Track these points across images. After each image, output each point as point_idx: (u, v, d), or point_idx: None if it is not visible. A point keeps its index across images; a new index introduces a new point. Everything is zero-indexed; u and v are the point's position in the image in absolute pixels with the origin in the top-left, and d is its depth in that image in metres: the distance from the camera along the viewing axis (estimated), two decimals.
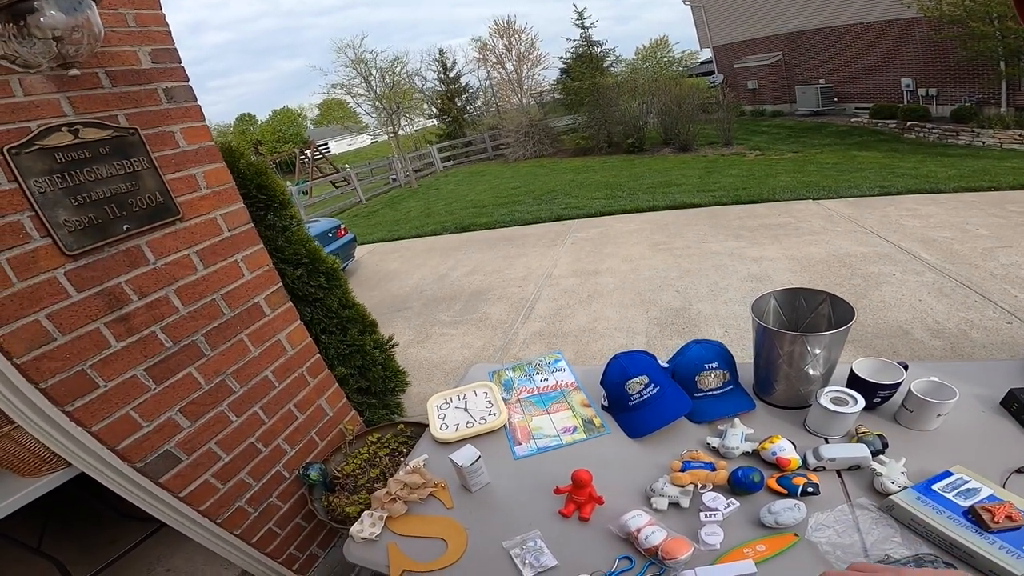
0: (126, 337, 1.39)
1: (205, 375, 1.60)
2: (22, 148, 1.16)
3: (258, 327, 1.79)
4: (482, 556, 1.09)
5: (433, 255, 7.03)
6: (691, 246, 5.23)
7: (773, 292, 1.38)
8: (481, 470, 1.24)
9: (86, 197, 1.28)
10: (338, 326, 2.48)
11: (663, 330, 3.63)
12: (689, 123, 11.11)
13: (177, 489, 1.52)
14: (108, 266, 1.35)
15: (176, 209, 1.51)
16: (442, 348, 4.13)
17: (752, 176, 7.55)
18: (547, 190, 9.53)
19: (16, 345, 1.15)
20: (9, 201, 1.14)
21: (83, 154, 1.28)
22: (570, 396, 1.61)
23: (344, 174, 14.84)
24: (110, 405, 1.34)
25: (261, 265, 1.82)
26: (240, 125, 45.38)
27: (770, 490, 1.06)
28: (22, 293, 1.16)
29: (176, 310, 1.52)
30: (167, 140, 1.50)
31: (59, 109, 1.24)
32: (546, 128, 15.03)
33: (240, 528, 1.71)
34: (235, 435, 1.69)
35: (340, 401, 2.20)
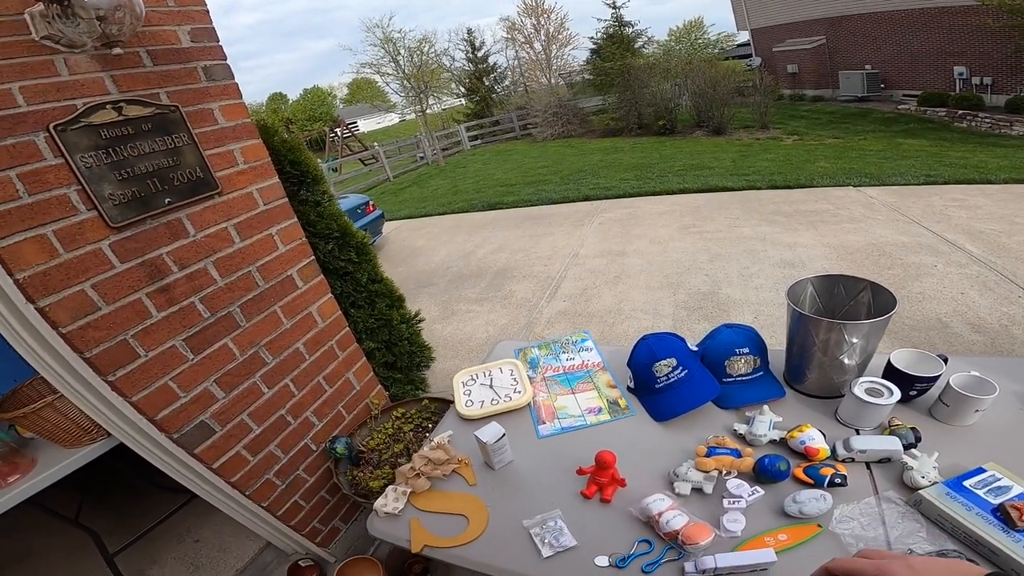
0: (167, 307, 1.44)
1: (240, 346, 1.66)
2: (68, 125, 1.19)
3: (291, 299, 1.84)
4: (502, 533, 1.11)
5: (459, 232, 7.09)
6: (722, 230, 5.11)
7: (810, 278, 1.34)
8: (505, 448, 1.26)
9: (130, 172, 1.32)
10: (367, 300, 2.53)
11: (691, 314, 3.58)
12: (724, 106, 10.74)
13: (210, 460, 1.58)
14: (150, 238, 1.39)
15: (215, 183, 1.54)
16: (467, 325, 4.17)
17: (789, 161, 7.29)
18: (575, 170, 9.40)
19: (62, 314, 1.21)
20: (56, 175, 1.18)
21: (127, 130, 1.31)
22: (596, 376, 1.61)
23: (372, 152, 14.97)
24: (150, 375, 1.40)
25: (294, 238, 1.86)
26: (272, 104, 46.01)
27: (796, 479, 1.05)
28: (68, 264, 1.21)
29: (214, 281, 1.57)
30: (206, 117, 1.53)
31: (103, 87, 1.27)
32: (575, 108, 14.81)
33: (267, 500, 1.78)
34: (266, 407, 1.75)
35: (367, 375, 2.24)
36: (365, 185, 13.24)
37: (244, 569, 2.06)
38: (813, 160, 7.18)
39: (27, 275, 1.15)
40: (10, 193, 1.11)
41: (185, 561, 2.17)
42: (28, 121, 1.13)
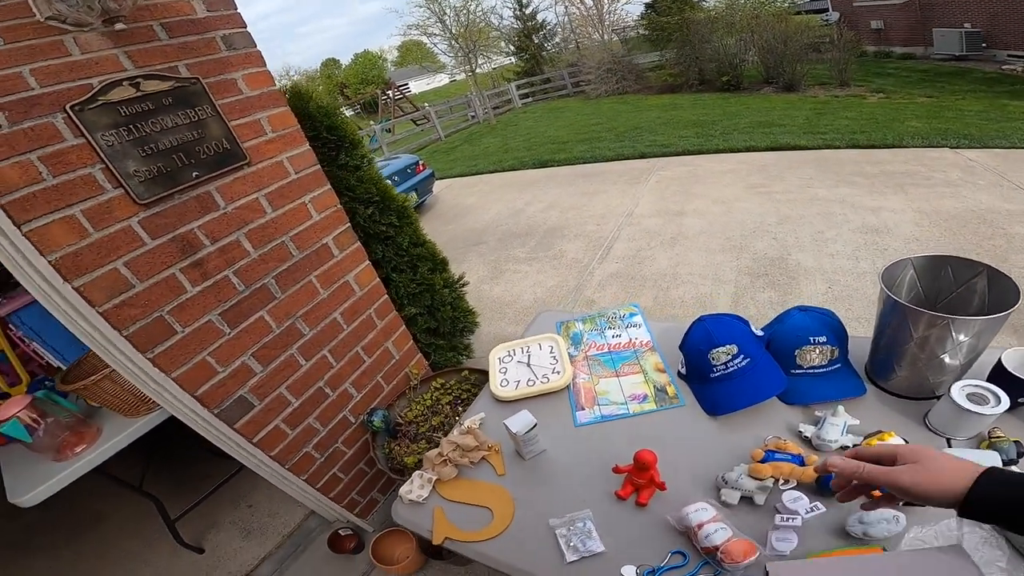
0: (201, 282, 1.44)
1: (276, 318, 1.65)
2: (85, 104, 1.16)
3: (327, 268, 1.81)
4: (526, 531, 1.04)
5: (510, 190, 7.01)
6: (793, 190, 4.64)
7: (912, 258, 1.10)
8: (536, 438, 1.18)
9: (153, 147, 1.29)
10: (408, 264, 2.49)
11: (755, 280, 3.30)
12: (796, 62, 9.71)
13: (250, 435, 1.61)
14: (180, 212, 1.38)
15: (243, 154, 1.50)
16: (515, 286, 4.11)
17: (873, 120, 6.48)
18: (630, 127, 8.90)
19: (97, 293, 1.22)
20: (79, 155, 1.17)
21: (147, 106, 1.27)
22: (644, 358, 1.47)
23: (424, 112, 14.95)
24: (188, 350, 1.42)
25: (329, 206, 1.81)
26: (326, 70, 46.79)
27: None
28: (99, 243, 1.22)
29: (247, 253, 1.56)
30: (229, 87, 1.47)
31: (118, 64, 1.23)
32: (629, 64, 14.00)
33: (307, 473, 1.82)
34: (304, 379, 1.75)
35: (407, 344, 2.22)
36: (417, 145, 13.30)
37: (291, 535, 2.16)
38: (902, 119, 6.34)
39: (59, 256, 1.16)
40: (33, 176, 1.10)
41: (239, 525, 2.30)
42: (44, 103, 1.11)
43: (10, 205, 1.08)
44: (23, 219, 1.09)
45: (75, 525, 2.63)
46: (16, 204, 1.08)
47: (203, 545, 2.22)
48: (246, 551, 2.14)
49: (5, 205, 1.07)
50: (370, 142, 12.38)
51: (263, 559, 2.08)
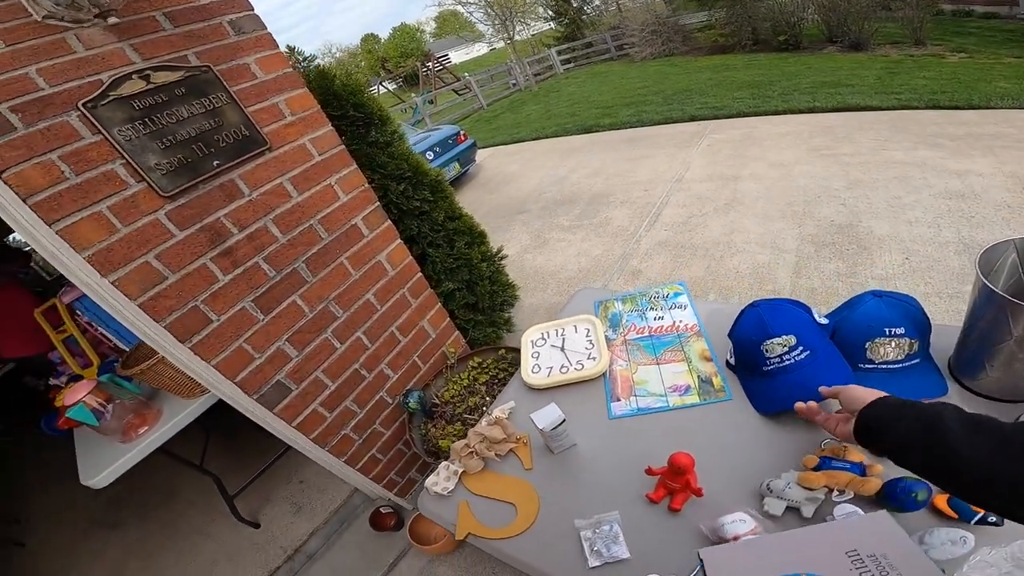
0: (232, 270, 1.45)
1: (308, 302, 1.66)
2: (97, 100, 1.16)
3: (357, 249, 1.80)
4: (549, 531, 0.99)
5: (554, 156, 6.87)
6: (864, 153, 4.19)
7: (1015, 240, 0.90)
8: (565, 434, 1.11)
9: (172, 139, 1.29)
10: (445, 239, 2.46)
11: (819, 250, 3.02)
12: (863, 20, 8.75)
13: (290, 419, 1.64)
14: (205, 202, 1.38)
15: (263, 139, 1.48)
16: (558, 255, 4.01)
17: (956, 79, 5.73)
18: (679, 89, 8.37)
19: (132, 287, 1.25)
20: (98, 152, 1.18)
21: (160, 98, 1.26)
22: (688, 344, 1.35)
23: (464, 82, 14.83)
24: (224, 339, 1.45)
25: (356, 186, 1.79)
26: (366, 45, 47.10)
27: (934, 510, 0.79)
28: (128, 237, 1.23)
29: (275, 239, 1.56)
30: (243, 73, 1.44)
31: (125, 58, 1.22)
32: (676, 25, 13.16)
33: (346, 455, 1.85)
34: (340, 362, 1.77)
35: (443, 322, 2.20)
36: (460, 114, 13.26)
37: (337, 511, 2.24)
38: (989, 80, 5.57)
39: (92, 252, 1.18)
40: (56, 175, 1.12)
41: (290, 501, 2.40)
42: (56, 102, 1.12)
43: (38, 205, 1.10)
44: (52, 218, 1.12)
45: (148, 501, 2.84)
46: (44, 204, 1.11)
47: (258, 519, 2.35)
48: (297, 526, 2.24)
49: (34, 205, 1.09)
50: (413, 114, 12.40)
51: (311, 534, 2.17)
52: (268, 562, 2.11)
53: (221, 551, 2.27)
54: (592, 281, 3.47)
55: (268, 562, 2.11)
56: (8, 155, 1.06)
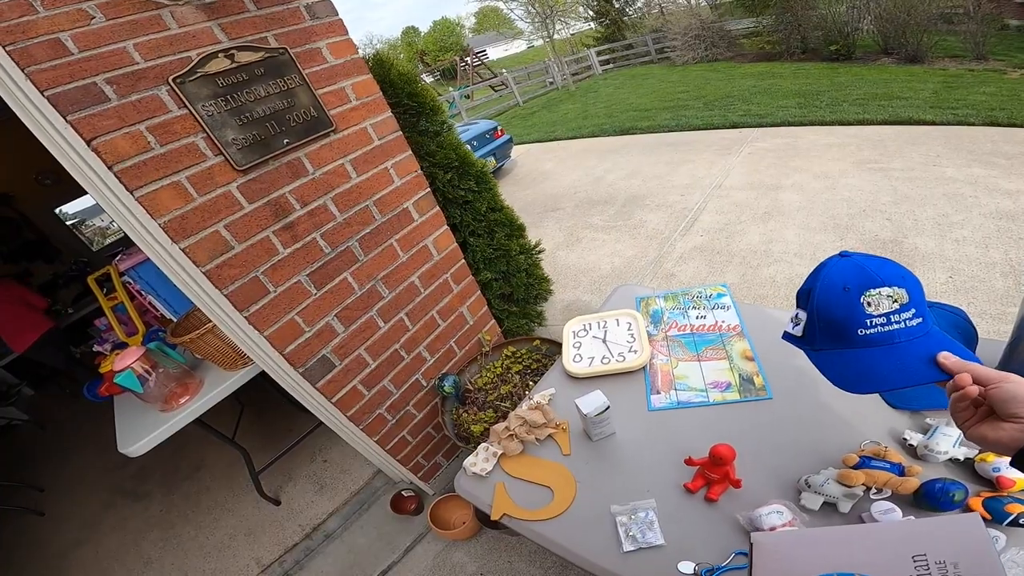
0: (291, 244, 1.52)
1: (358, 280, 1.72)
2: (186, 76, 1.24)
3: (407, 232, 1.86)
4: (585, 516, 1.02)
5: (589, 156, 6.86)
6: (915, 168, 4.07)
7: None
8: (607, 421, 1.14)
9: (248, 116, 1.36)
10: (485, 229, 2.50)
11: None
12: (922, 32, 8.44)
13: (331, 394, 1.71)
14: (273, 178, 1.45)
15: (329, 121, 1.55)
16: (591, 254, 4.02)
17: (1016, 96, 5.48)
18: (721, 95, 8.23)
19: (201, 254, 1.32)
20: (182, 125, 1.25)
21: (241, 76, 1.33)
22: (730, 343, 1.36)
23: (502, 78, 14.88)
24: (279, 310, 1.52)
25: (410, 171, 1.84)
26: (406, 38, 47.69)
27: (969, 511, 0.79)
28: (203, 207, 1.31)
29: (333, 217, 1.62)
30: (315, 56, 1.51)
31: (213, 36, 1.29)
32: (720, 30, 12.89)
33: (378, 435, 1.90)
34: (382, 341, 1.83)
35: (481, 309, 2.24)
36: (496, 110, 13.33)
37: (359, 491, 2.29)
38: None
39: (167, 219, 1.26)
40: (142, 145, 1.20)
41: (313, 479, 2.47)
42: (149, 76, 1.19)
43: (123, 172, 1.18)
44: (135, 185, 1.20)
45: (175, 474, 2.93)
46: (128, 172, 1.19)
47: (280, 497, 2.41)
48: (317, 505, 2.30)
49: (119, 173, 1.17)
50: (449, 108, 12.51)
51: (331, 514, 2.23)
52: (286, 539, 2.17)
53: (241, 526, 2.34)
54: (624, 282, 3.46)
55: (286, 539, 2.17)
56: (100, 124, 1.14)
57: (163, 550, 2.38)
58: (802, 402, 1.11)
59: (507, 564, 1.88)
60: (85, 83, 1.11)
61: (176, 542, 2.40)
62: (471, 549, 1.97)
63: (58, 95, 1.08)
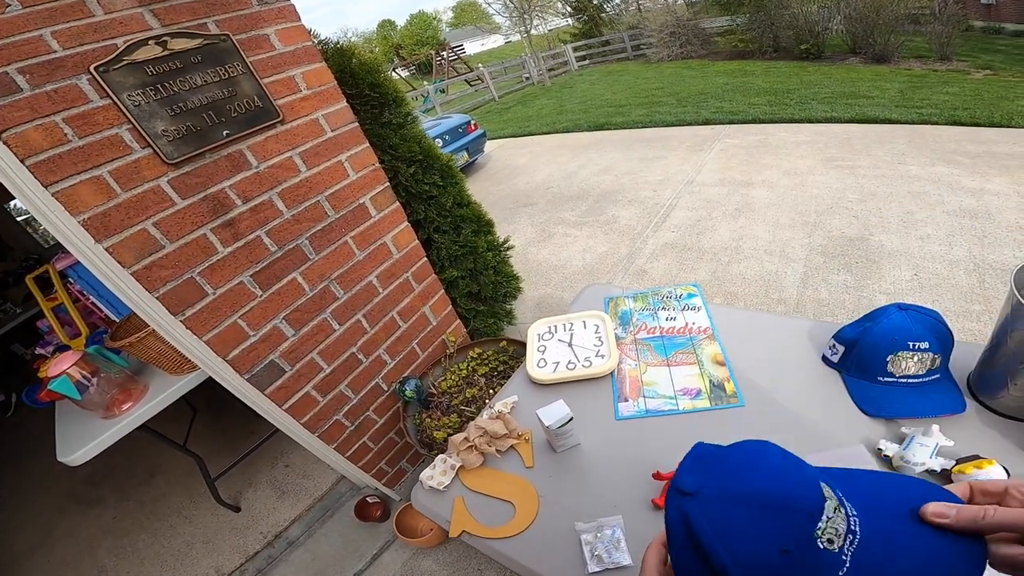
0: (232, 242, 1.41)
1: (309, 280, 1.62)
2: (110, 65, 1.12)
3: (363, 229, 1.76)
4: (548, 533, 0.96)
5: (563, 152, 6.85)
6: (880, 166, 4.15)
7: None
8: (570, 432, 1.07)
9: (182, 106, 1.24)
10: (451, 225, 2.41)
11: (828, 261, 2.98)
12: (889, 32, 8.72)
13: (280, 401, 1.60)
14: (211, 172, 1.34)
15: (276, 112, 1.44)
16: (563, 250, 3.99)
17: (979, 96, 5.70)
18: (695, 92, 8.34)
19: (126, 254, 1.20)
20: (105, 116, 1.14)
21: (174, 64, 1.22)
22: (701, 347, 1.31)
23: (478, 73, 14.81)
24: (219, 313, 1.40)
25: (367, 165, 1.75)
26: (382, 31, 47.12)
27: None
28: (127, 203, 1.19)
29: (280, 213, 1.51)
30: (261, 43, 1.40)
31: (144, 23, 1.18)
32: (695, 28, 13.11)
33: (336, 441, 1.81)
34: (337, 344, 1.72)
35: (445, 309, 2.16)
36: (471, 105, 13.22)
37: (322, 497, 2.20)
38: (1012, 97, 5.55)
39: (87, 216, 1.14)
40: (58, 137, 1.08)
41: (274, 486, 2.36)
42: (67, 65, 1.08)
43: (36, 167, 1.06)
44: (50, 180, 1.08)
45: (128, 479, 2.78)
46: (42, 166, 1.07)
47: (240, 503, 2.31)
48: (279, 512, 2.21)
49: (32, 167, 1.05)
50: (424, 102, 12.32)
51: (294, 520, 2.14)
52: (247, 547, 2.09)
53: (198, 534, 2.25)
54: (596, 278, 3.43)
55: (247, 547, 2.09)
56: (10, 116, 1.02)
57: (118, 558, 2.27)
58: (774, 410, 1.07)
59: (477, 572, 1.82)
60: None
61: (131, 550, 2.29)
62: (440, 557, 1.91)
63: None
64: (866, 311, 1.07)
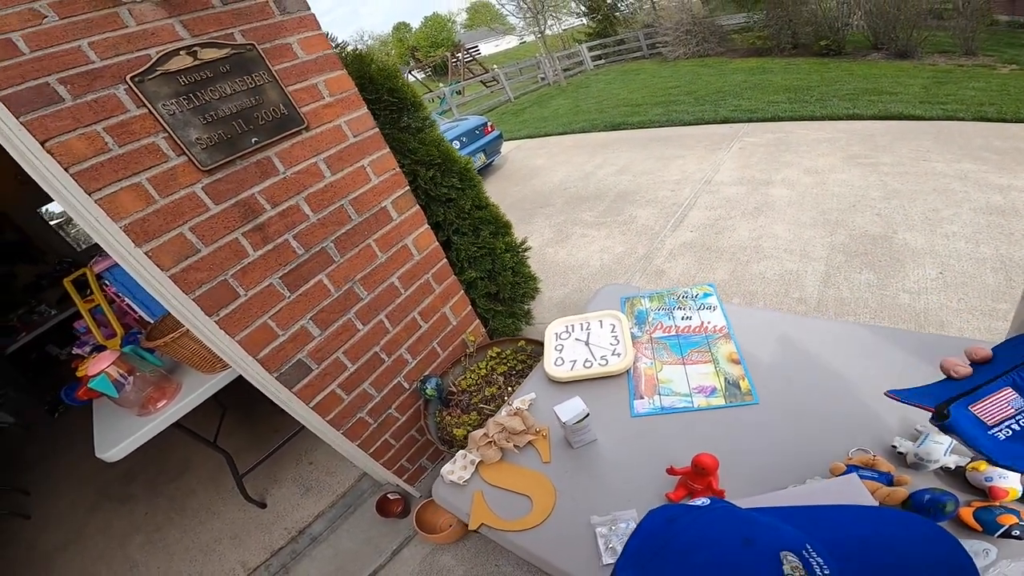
0: (262, 246, 1.47)
1: (334, 282, 1.67)
2: (145, 75, 1.18)
3: (385, 232, 1.81)
4: (564, 526, 0.99)
5: (580, 152, 6.84)
6: (904, 163, 4.06)
7: None
8: (587, 428, 1.10)
9: (213, 115, 1.30)
10: (470, 227, 2.45)
11: (850, 260, 2.94)
12: (912, 28, 8.49)
13: (308, 399, 1.66)
14: (241, 178, 1.40)
15: (301, 119, 1.50)
16: (581, 251, 4.00)
17: (1006, 91, 5.51)
18: (712, 91, 8.23)
19: (165, 258, 1.27)
20: (142, 125, 1.20)
21: (205, 74, 1.28)
22: (716, 345, 1.33)
23: (493, 74, 14.89)
24: (250, 314, 1.46)
25: (388, 169, 1.80)
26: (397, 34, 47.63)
27: (959, 521, 0.77)
28: (165, 209, 1.25)
29: (306, 217, 1.57)
30: (285, 52, 1.45)
31: (175, 33, 1.24)
32: (712, 26, 12.92)
33: (360, 439, 1.86)
34: (361, 344, 1.78)
35: (465, 309, 2.20)
36: (487, 106, 13.28)
37: (345, 494, 2.25)
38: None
39: (128, 222, 1.20)
40: (99, 146, 1.14)
41: (299, 482, 2.43)
42: (105, 75, 1.14)
43: (80, 175, 1.13)
44: (93, 188, 1.14)
45: (160, 476, 2.87)
46: (85, 174, 1.13)
47: (266, 499, 2.37)
48: (303, 508, 2.27)
49: (76, 174, 1.12)
50: (440, 104, 12.42)
51: (317, 516, 2.19)
52: (272, 542, 2.14)
53: (226, 529, 2.31)
54: (614, 279, 3.43)
55: (272, 542, 2.14)
56: (53, 125, 1.09)
57: (149, 553, 2.34)
58: (789, 407, 1.08)
59: (494, 568, 1.85)
60: (37, 83, 1.05)
61: (162, 545, 2.36)
62: (458, 552, 1.94)
63: (10, 96, 1.03)
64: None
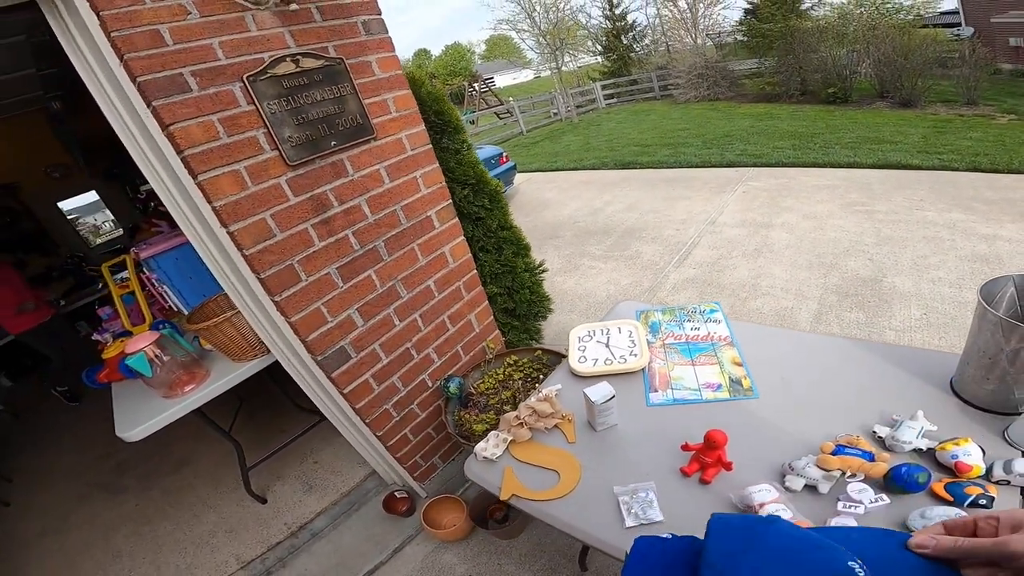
0: (326, 238, 1.65)
1: (381, 278, 1.85)
2: (258, 76, 1.39)
3: (427, 238, 1.99)
4: (590, 495, 1.12)
5: (589, 188, 7.07)
6: (899, 211, 4.33)
7: (1014, 275, 1.10)
8: (611, 410, 1.26)
9: (304, 117, 1.50)
10: (495, 245, 2.64)
11: (842, 300, 3.15)
12: (917, 77, 8.89)
13: (343, 385, 1.80)
14: (317, 176, 1.59)
15: (371, 129, 1.70)
16: (588, 281, 4.18)
17: (1000, 142, 5.84)
18: (720, 134, 8.60)
19: (246, 238, 1.45)
20: (248, 120, 1.39)
21: (303, 80, 1.48)
22: (721, 351, 1.51)
23: (508, 106, 15.25)
24: (307, 298, 1.63)
25: (435, 182, 1.99)
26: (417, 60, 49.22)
27: (932, 494, 0.92)
28: (254, 195, 1.44)
29: (365, 217, 1.75)
30: (365, 69, 1.66)
31: (284, 41, 1.44)
32: (723, 70, 13.39)
33: (382, 430, 1.99)
34: (396, 338, 1.94)
35: (487, 318, 2.36)
36: (500, 138, 13.60)
37: (348, 493, 2.32)
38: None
39: (222, 204, 1.39)
40: (212, 134, 1.33)
41: (303, 480, 2.49)
42: (227, 73, 1.34)
43: (192, 158, 1.31)
44: (200, 170, 1.33)
45: (158, 468, 2.90)
46: (196, 157, 1.32)
47: (267, 496, 2.42)
48: (305, 504, 2.32)
49: (188, 157, 1.30)
50: None
51: (319, 513, 2.24)
52: (270, 537, 2.17)
53: (222, 523, 2.33)
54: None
55: (270, 537, 2.17)
56: (179, 112, 1.28)
57: (135, 544, 2.35)
58: (785, 401, 1.25)
59: (497, 566, 1.91)
60: (173, 73, 1.24)
61: (151, 536, 2.38)
62: (461, 551, 2.00)
63: (148, 82, 1.21)
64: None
